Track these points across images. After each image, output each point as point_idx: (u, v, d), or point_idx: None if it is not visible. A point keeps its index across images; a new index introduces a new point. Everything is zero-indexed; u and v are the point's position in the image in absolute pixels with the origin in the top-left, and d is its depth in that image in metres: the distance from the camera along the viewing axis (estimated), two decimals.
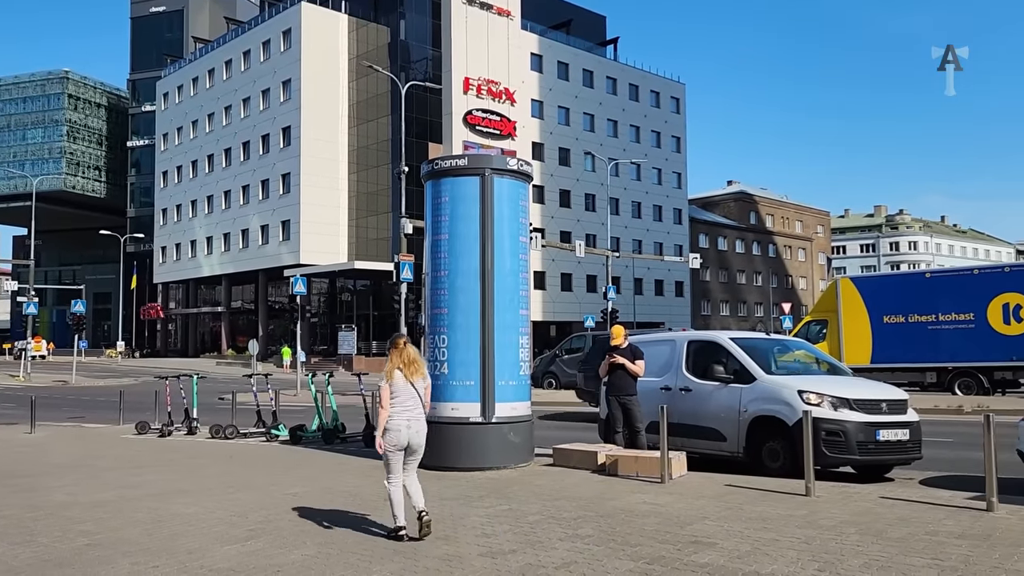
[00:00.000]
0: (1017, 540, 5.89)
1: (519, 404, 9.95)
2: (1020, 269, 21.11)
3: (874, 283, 23.91)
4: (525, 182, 10.43)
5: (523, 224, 10.23)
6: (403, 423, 6.33)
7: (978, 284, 20.64)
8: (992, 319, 19.86)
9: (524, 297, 10.17)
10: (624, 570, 5.29)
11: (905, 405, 9.30)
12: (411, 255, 26.82)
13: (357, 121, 57.28)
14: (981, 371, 20.44)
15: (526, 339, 10.13)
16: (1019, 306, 19.53)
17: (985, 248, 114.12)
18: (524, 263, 10.21)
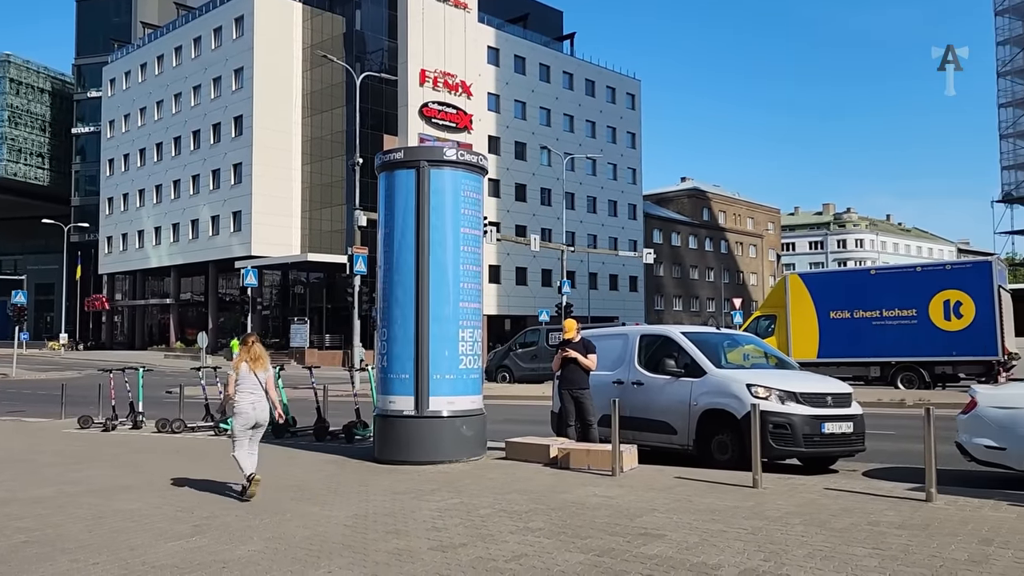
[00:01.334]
0: (954, 530, 6.06)
1: (458, 398, 9.70)
2: (960, 267, 21.74)
3: (821, 279, 24.46)
4: (470, 172, 10.12)
5: (467, 215, 9.91)
6: (248, 406, 7.80)
7: (920, 281, 21.21)
8: (933, 315, 20.46)
9: (469, 290, 9.92)
10: (574, 562, 5.31)
11: (849, 398, 9.51)
12: (365, 248, 26.57)
13: (311, 111, 56.55)
14: (923, 365, 21.02)
15: (469, 332, 9.86)
16: (959, 303, 20.14)
17: (928, 246, 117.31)
18: (470, 255, 9.94)
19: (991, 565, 5.09)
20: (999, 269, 20.82)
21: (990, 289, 19.90)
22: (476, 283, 10.10)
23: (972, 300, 20.01)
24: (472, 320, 9.97)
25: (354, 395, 13.84)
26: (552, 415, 11.85)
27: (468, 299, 9.92)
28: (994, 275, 20.08)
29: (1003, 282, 21.04)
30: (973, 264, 21.83)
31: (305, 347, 45.92)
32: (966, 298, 20.11)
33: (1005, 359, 20.04)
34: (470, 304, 9.95)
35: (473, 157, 10.32)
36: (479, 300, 10.17)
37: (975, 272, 20.62)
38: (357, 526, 6.51)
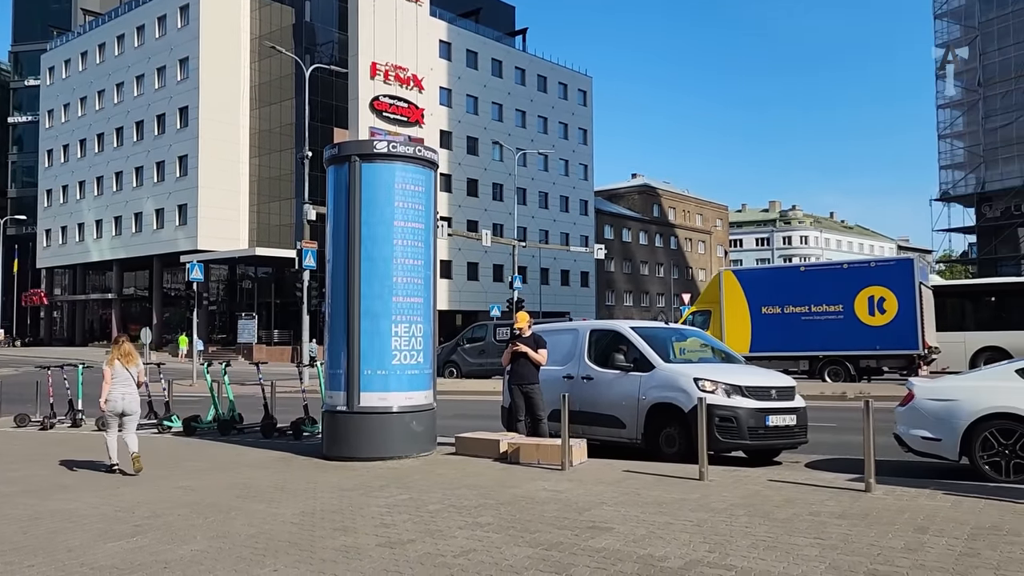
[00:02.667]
0: (892, 519, 6.23)
1: (391, 394, 9.56)
2: (884, 264, 22.50)
3: (754, 276, 25.13)
4: (408, 164, 9.89)
5: (403, 208, 9.70)
6: (119, 396, 9.23)
7: (847, 278, 21.83)
8: (859, 311, 21.10)
9: (405, 284, 9.69)
10: (522, 556, 5.33)
11: (793, 392, 9.71)
12: (314, 242, 26.23)
13: (259, 103, 55.58)
14: (848, 359, 21.65)
15: (405, 327, 9.64)
16: (883, 299, 20.80)
17: (870, 243, 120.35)
18: (408, 249, 9.70)
19: (926, 552, 5.25)
20: (920, 266, 21.53)
21: (912, 286, 20.56)
22: (416, 277, 9.83)
23: (895, 296, 20.68)
24: (409, 315, 9.72)
25: (302, 391, 13.66)
26: (502, 410, 11.85)
27: (404, 293, 9.69)
28: (916, 272, 20.75)
29: (924, 279, 21.78)
30: (896, 262, 22.54)
31: (253, 343, 45.20)
32: (889, 294, 20.76)
33: (925, 353, 20.77)
34: (407, 299, 9.71)
35: (409, 149, 10.08)
36: (421, 294, 9.88)
37: (898, 269, 21.33)
38: (304, 523, 6.43)
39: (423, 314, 9.91)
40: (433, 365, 10.21)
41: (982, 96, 48.65)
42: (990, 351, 22.45)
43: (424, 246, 9.99)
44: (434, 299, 10.30)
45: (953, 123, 51.56)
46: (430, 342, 10.09)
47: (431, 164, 10.28)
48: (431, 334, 10.13)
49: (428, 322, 10.05)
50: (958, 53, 39.28)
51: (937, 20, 52.01)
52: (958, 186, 50.93)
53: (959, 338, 23.12)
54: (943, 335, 22.77)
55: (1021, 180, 46.61)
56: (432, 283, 10.21)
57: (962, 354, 22.80)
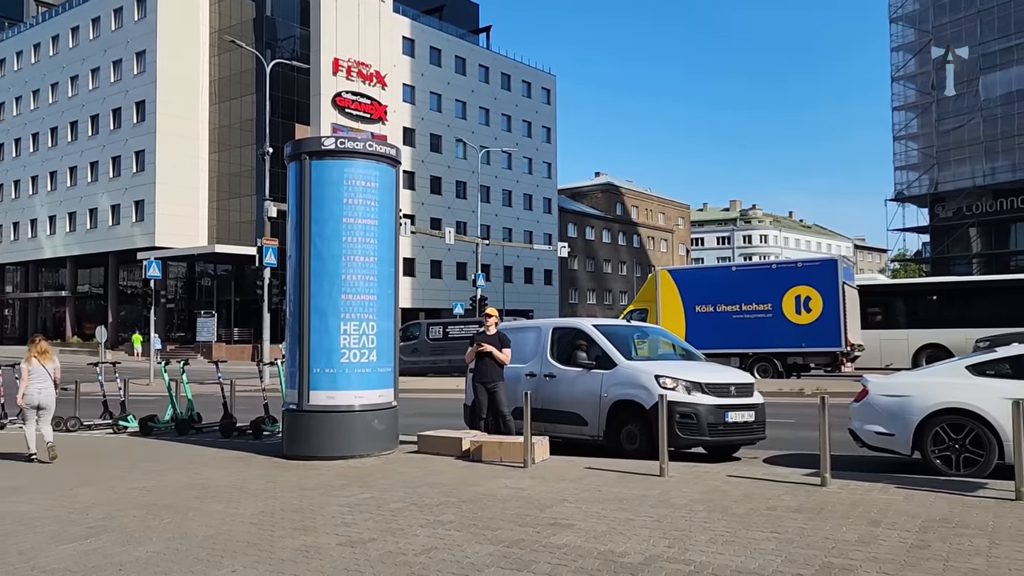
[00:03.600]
0: (846, 512, 6.36)
1: (339, 393, 9.48)
2: (810, 265, 23.19)
3: (688, 275, 25.73)
4: (359, 160, 9.77)
5: (353, 205, 9.60)
6: (35, 391, 9.94)
7: (775, 278, 22.53)
8: (786, 309, 21.80)
9: (355, 282, 9.56)
10: (484, 554, 5.33)
11: (752, 388, 9.85)
12: (275, 239, 25.95)
13: (219, 99, 54.74)
14: (776, 356, 22.27)
15: (355, 325, 9.53)
16: (809, 298, 21.52)
17: (827, 242, 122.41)
18: (358, 246, 9.60)
19: (879, 545, 5.36)
20: (844, 266, 22.21)
21: (836, 286, 21.20)
22: (368, 274, 9.68)
23: (820, 295, 21.37)
24: (360, 313, 9.60)
25: (262, 390, 13.51)
26: (465, 408, 11.85)
27: (354, 291, 9.59)
28: (839, 272, 21.38)
29: (849, 279, 22.51)
30: (821, 262, 23.23)
31: (213, 341, 44.58)
32: (815, 294, 21.44)
33: (848, 350, 21.46)
34: (357, 296, 9.60)
35: (358, 144, 9.96)
36: (374, 292, 9.73)
37: (823, 269, 22.02)
38: (263, 523, 6.36)
39: (377, 312, 9.75)
40: (393, 363, 10.08)
41: (935, 99, 49.77)
42: (932, 348, 23.35)
43: (378, 242, 9.81)
44: (396, 296, 10.20)
45: (907, 125, 52.67)
46: (389, 340, 9.95)
47: (387, 159, 10.11)
48: (390, 332, 9.99)
49: (386, 319, 9.91)
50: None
51: (892, 24, 53.08)
52: (912, 187, 52.03)
53: (903, 336, 23.99)
54: (887, 333, 23.70)
55: (972, 181, 47.79)
56: (392, 280, 10.10)
57: (905, 351, 23.68)
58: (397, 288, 10.27)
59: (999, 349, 8.61)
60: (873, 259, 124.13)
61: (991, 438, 7.69)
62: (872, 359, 23.63)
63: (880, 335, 24.06)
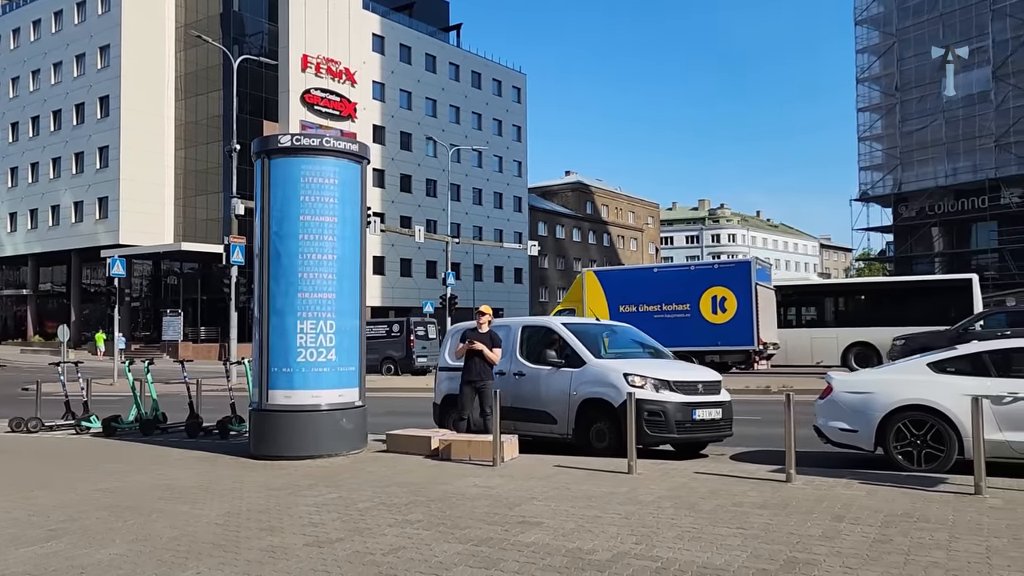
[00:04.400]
0: (810, 508, 6.44)
1: (296, 392, 9.42)
2: (725, 267, 24.03)
3: (613, 276, 26.49)
4: (316, 157, 9.65)
5: (309, 202, 9.51)
6: None
7: (693, 279, 23.36)
8: (703, 310, 22.59)
9: (311, 280, 9.47)
10: (452, 553, 5.32)
11: (719, 386, 9.94)
12: (243, 237, 25.64)
13: (185, 94, 54.01)
14: (695, 355, 22.46)
15: (311, 324, 9.43)
16: (724, 298, 22.33)
17: (794, 241, 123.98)
18: (315, 244, 9.51)
19: (842, 540, 5.44)
20: (759, 268, 22.99)
21: (749, 286, 21.95)
22: (325, 272, 9.56)
23: (735, 296, 22.17)
24: (316, 311, 9.50)
25: (229, 390, 13.36)
26: (434, 407, 11.83)
27: (311, 289, 9.51)
28: (752, 274, 22.14)
29: (764, 280, 23.30)
30: (736, 264, 24.16)
31: (179, 340, 44.02)
32: (730, 294, 22.24)
33: (761, 349, 22.26)
34: (314, 295, 9.51)
35: (314, 141, 9.85)
36: (332, 290, 9.59)
37: (737, 271, 22.84)
38: (229, 524, 6.29)
39: (336, 310, 9.61)
40: (357, 362, 9.89)
41: (899, 100, 50.60)
42: (859, 346, 24.27)
43: (337, 240, 9.67)
44: (361, 295, 10.07)
45: (872, 126, 53.50)
46: (351, 339, 9.77)
47: (348, 155, 9.94)
48: (353, 331, 9.81)
49: (348, 318, 9.74)
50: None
51: (858, 26, 53.88)
52: (876, 187, 52.84)
53: (832, 334, 24.77)
54: (818, 332, 24.61)
55: (935, 182, 48.66)
56: (357, 278, 9.94)
57: (835, 349, 24.43)
58: (363, 286, 10.13)
59: (959, 347, 8.77)
60: (839, 258, 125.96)
61: (951, 434, 7.83)
62: (804, 357, 24.46)
63: (812, 334, 24.87)
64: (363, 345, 10.12)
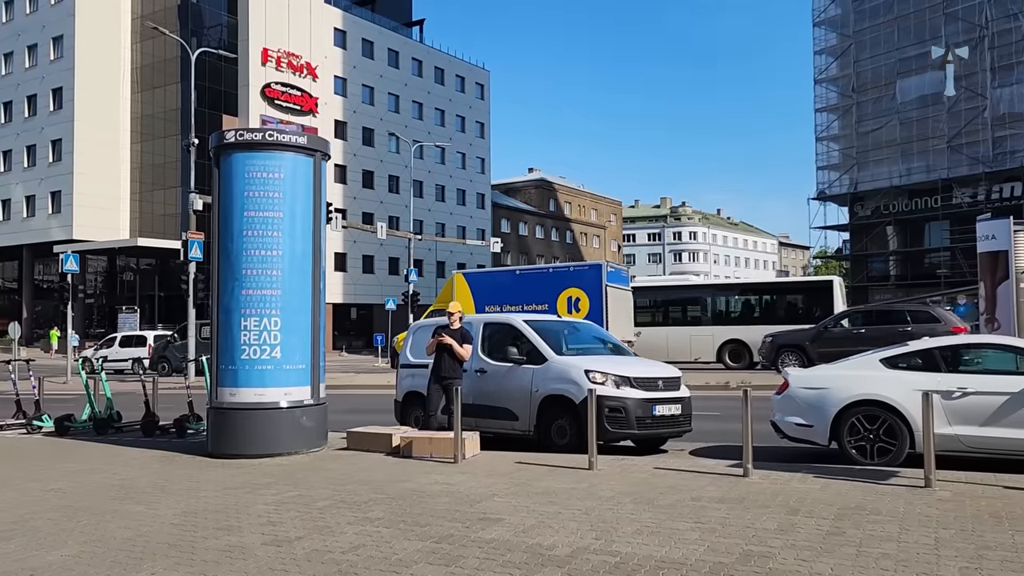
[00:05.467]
0: (767, 502, 6.55)
1: (241, 390, 9.35)
2: (580, 269, 25.30)
3: (479, 278, 27.81)
4: (261, 152, 9.52)
5: (253, 198, 9.41)
6: None
7: (551, 280, 24.62)
8: (560, 309, 23.55)
9: (255, 276, 9.36)
10: (412, 550, 5.32)
11: (679, 382, 10.05)
12: (201, 233, 25.23)
13: (141, 87, 52.99)
14: None
15: (255, 321, 9.33)
16: (578, 299, 23.36)
17: (753, 239, 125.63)
18: (259, 239, 9.39)
19: (796, 533, 5.55)
20: (610, 270, 24.21)
21: (600, 287, 22.96)
22: (270, 268, 9.43)
23: (587, 297, 23.09)
24: (260, 308, 9.39)
25: (187, 387, 13.16)
26: (395, 404, 11.79)
27: (255, 286, 9.40)
28: (603, 275, 23.31)
29: (616, 281, 24.45)
30: (589, 266, 25.39)
31: None
32: (583, 295, 23.22)
33: None
34: (258, 291, 9.40)
35: (257, 135, 9.73)
36: (277, 286, 9.43)
37: (590, 273, 23.99)
38: (186, 524, 6.21)
39: (282, 307, 9.47)
40: (310, 360, 9.67)
41: (856, 102, 51.57)
42: (733, 343, 25.82)
43: (284, 235, 9.52)
44: (314, 291, 9.79)
45: (829, 126, 54.43)
46: (301, 336, 9.59)
47: (297, 149, 9.76)
48: (303, 328, 9.62)
49: (297, 315, 9.57)
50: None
51: (816, 27, 54.77)
52: (833, 186, 53.79)
53: (709, 332, 26.34)
54: (696, 329, 26.31)
55: (889, 182, 49.70)
56: (308, 274, 9.71)
57: (711, 346, 26.04)
58: (316, 282, 9.84)
59: (911, 343, 8.97)
60: (797, 256, 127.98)
61: (903, 428, 8.02)
62: (684, 354, 25.73)
63: (691, 332, 26.42)
64: (317, 342, 9.86)
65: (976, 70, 45.36)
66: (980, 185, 46.20)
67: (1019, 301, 13.14)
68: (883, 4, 49.99)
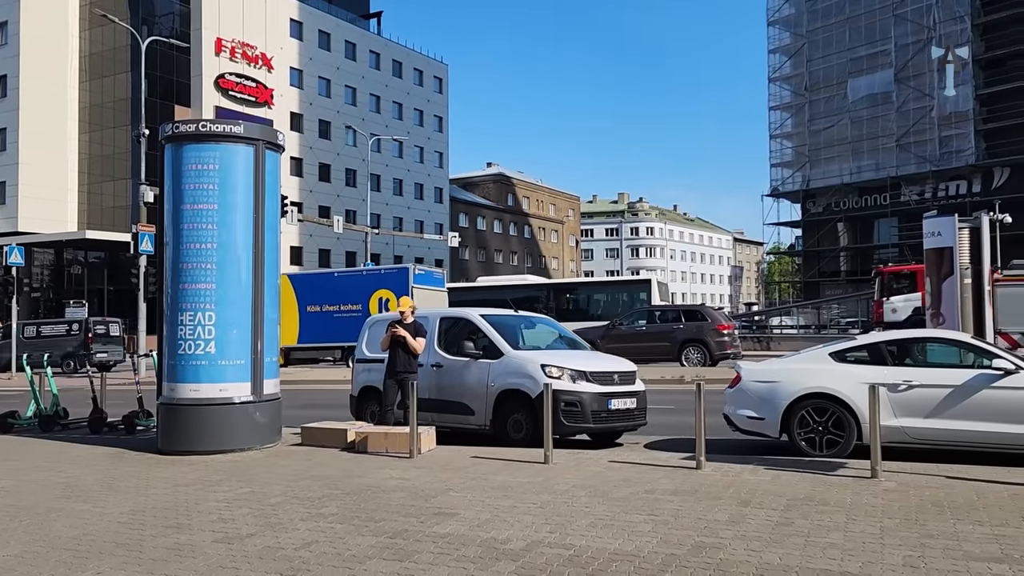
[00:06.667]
0: (719, 493, 6.65)
1: (178, 385, 9.27)
2: (389, 271, 27.45)
3: (302, 279, 29.53)
4: (198, 144, 9.38)
5: (191, 190, 9.30)
6: None
7: (365, 282, 26.64)
8: (372, 309, 25.33)
9: (191, 270, 9.25)
10: (366, 546, 5.28)
11: (634, 376, 10.13)
12: (152, 225, 24.73)
13: (90, 76, 51.62)
14: None
15: (190, 315, 9.20)
16: (388, 299, 25.35)
17: (709, 235, 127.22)
18: (195, 233, 9.27)
19: (747, 524, 5.64)
20: (418, 272, 26.46)
21: (406, 288, 24.88)
22: (205, 262, 9.28)
23: (396, 297, 24.46)
24: (195, 302, 9.26)
25: (137, 383, 12.90)
26: (351, 399, 11.70)
27: (191, 280, 9.30)
28: (410, 277, 25.38)
29: (425, 283, 26.32)
30: (397, 269, 27.72)
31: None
32: (392, 296, 25.04)
33: None
34: (193, 285, 9.29)
35: (191, 127, 9.58)
36: (212, 280, 9.30)
37: (398, 275, 26.18)
38: (134, 522, 6.09)
39: (216, 301, 9.29)
40: (249, 356, 9.44)
41: (808, 100, 52.48)
42: None
43: (219, 227, 9.34)
44: (255, 285, 9.50)
45: (783, 124, 55.34)
46: (239, 331, 9.39)
47: (233, 138, 9.54)
48: (242, 323, 9.42)
49: (234, 309, 9.38)
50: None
51: (770, 27, 55.60)
52: (786, 183, 54.71)
53: None
54: None
55: (840, 179, 50.73)
56: (247, 267, 9.47)
57: None
58: (259, 276, 9.54)
59: (859, 337, 9.17)
60: (751, 251, 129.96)
61: (851, 420, 8.20)
62: None
63: None
64: (260, 337, 9.57)
65: (923, 71, 46.49)
66: (927, 183, 47.42)
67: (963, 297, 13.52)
68: (835, 5, 50.95)
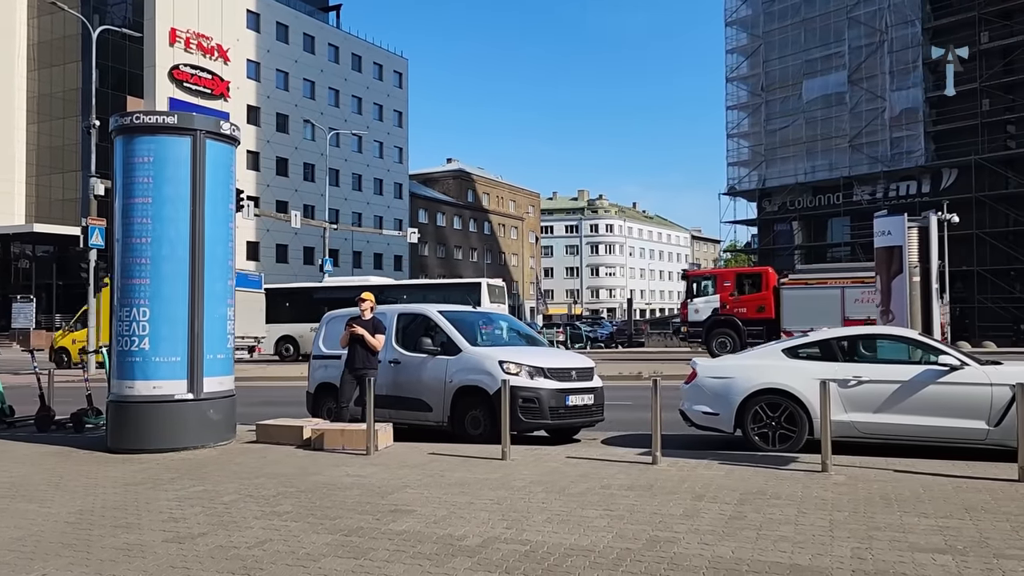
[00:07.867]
0: (674, 488, 6.72)
1: (136, 383, 9.07)
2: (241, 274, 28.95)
3: None
4: (142, 136, 9.22)
5: (130, 184, 9.17)
6: None
7: None
8: None
9: (131, 264, 9.13)
10: (321, 544, 5.24)
11: (592, 372, 10.18)
12: (102, 219, 24.21)
13: (38, 65, 50.33)
14: None
15: (127, 311, 9.09)
16: None
17: (667, 232, 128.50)
18: (136, 227, 9.11)
19: (700, 518, 5.71)
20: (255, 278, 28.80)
21: None
22: (140, 257, 9.11)
23: None
24: (131, 297, 9.10)
25: (86, 380, 12.60)
26: (307, 395, 11.59)
27: (127, 275, 9.17)
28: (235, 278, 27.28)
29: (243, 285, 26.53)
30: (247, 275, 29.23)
31: (31, 328, 40.97)
32: None
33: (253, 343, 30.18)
34: (129, 280, 9.15)
35: (126, 119, 9.41)
36: (147, 275, 9.13)
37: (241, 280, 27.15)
38: (81, 523, 5.95)
39: (150, 296, 9.09)
40: (185, 352, 9.19)
41: (764, 100, 53.24)
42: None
43: (152, 221, 9.11)
44: (193, 280, 9.23)
45: (740, 123, 56.05)
46: (175, 328, 9.16)
47: (168, 130, 9.29)
48: (178, 319, 9.17)
49: (170, 305, 9.15)
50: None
51: (728, 27, 56.26)
52: (743, 182, 55.42)
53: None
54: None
55: (795, 178, 51.55)
56: (183, 261, 9.21)
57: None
58: (198, 271, 9.27)
59: (811, 334, 9.34)
60: (708, 249, 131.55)
61: (803, 415, 8.35)
62: None
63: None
64: (199, 334, 9.27)
65: (876, 73, 47.45)
66: (879, 183, 48.40)
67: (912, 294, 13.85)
68: (791, 7, 51.72)
